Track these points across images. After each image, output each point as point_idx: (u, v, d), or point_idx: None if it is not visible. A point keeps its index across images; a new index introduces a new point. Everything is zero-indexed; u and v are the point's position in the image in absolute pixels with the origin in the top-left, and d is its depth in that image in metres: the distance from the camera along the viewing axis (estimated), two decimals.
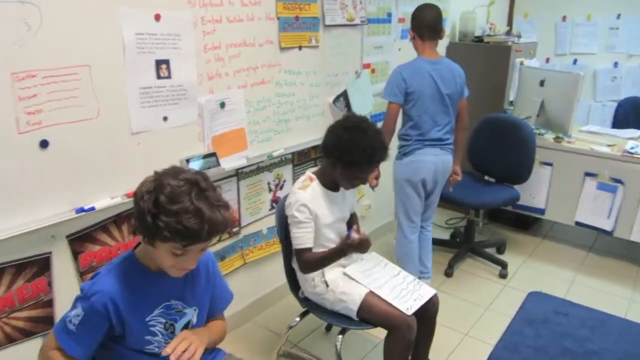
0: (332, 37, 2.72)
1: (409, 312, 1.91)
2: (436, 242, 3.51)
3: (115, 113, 1.83)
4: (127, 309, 1.31)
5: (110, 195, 1.88)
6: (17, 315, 1.73)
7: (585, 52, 4.38)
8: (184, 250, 1.26)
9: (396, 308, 1.92)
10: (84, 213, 1.79)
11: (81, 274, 1.89)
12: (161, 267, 1.33)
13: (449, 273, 3.27)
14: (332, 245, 2.07)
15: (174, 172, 1.27)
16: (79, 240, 1.87)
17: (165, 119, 1.99)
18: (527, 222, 3.91)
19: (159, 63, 1.92)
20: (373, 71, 3.13)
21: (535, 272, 3.35)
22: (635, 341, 2.65)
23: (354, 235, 1.91)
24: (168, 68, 1.95)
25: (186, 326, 1.45)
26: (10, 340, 1.73)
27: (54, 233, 1.77)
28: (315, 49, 2.62)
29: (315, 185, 2.01)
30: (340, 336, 2.02)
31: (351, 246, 1.92)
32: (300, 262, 2.00)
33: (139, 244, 1.38)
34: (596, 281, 3.26)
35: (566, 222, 3.49)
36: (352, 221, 2.22)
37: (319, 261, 1.99)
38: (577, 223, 3.42)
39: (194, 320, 1.47)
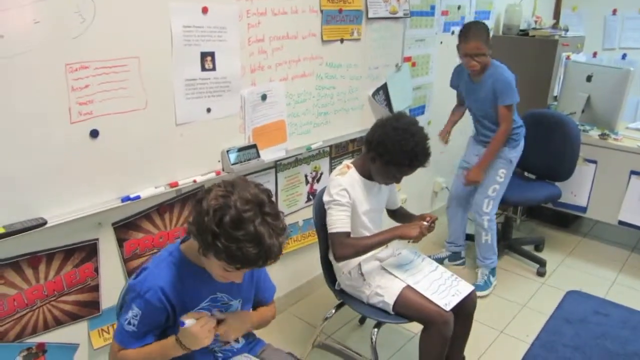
0: (374, 30, 2.69)
1: (447, 308, 1.90)
2: (473, 238, 3.46)
3: (162, 104, 1.86)
4: (177, 301, 1.35)
5: (154, 185, 1.92)
6: (65, 299, 1.80)
7: (636, 47, 4.21)
8: (235, 270, 1.27)
9: (433, 303, 1.91)
10: (129, 202, 1.83)
11: (125, 261, 1.95)
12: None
13: None
14: (368, 234, 2.07)
15: (241, 186, 1.25)
16: (124, 228, 1.92)
17: (208, 110, 2.02)
18: (566, 219, 3.82)
19: (204, 55, 1.94)
20: (414, 64, 3.09)
21: (575, 271, 3.28)
22: None
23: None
24: (213, 60, 1.97)
25: None
26: (58, 323, 1.80)
27: (100, 220, 1.83)
28: (356, 42, 2.60)
29: (353, 172, 2.01)
30: (376, 329, 2.03)
31: (408, 225, 1.96)
32: (340, 247, 1.92)
33: (185, 238, 1.41)
34: (638, 282, 3.16)
35: (609, 221, 3.39)
36: (405, 216, 2.27)
37: (362, 245, 1.95)
38: (621, 222, 3.31)
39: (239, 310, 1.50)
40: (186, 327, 1.29)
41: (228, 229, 1.18)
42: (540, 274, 3.22)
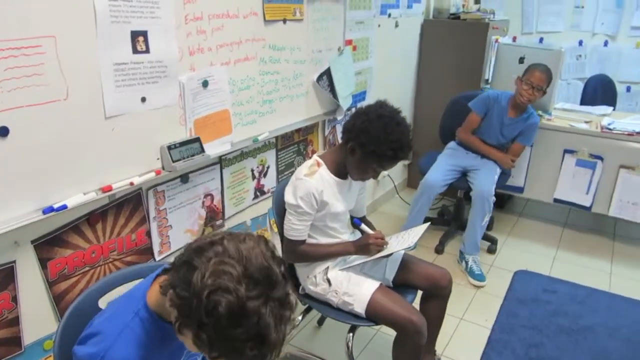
0: (316, 10, 2.49)
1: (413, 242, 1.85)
2: (426, 220, 3.42)
3: (87, 93, 1.54)
4: None
5: (83, 191, 1.60)
6: None
7: (552, 31, 4.37)
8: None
9: (405, 309, 1.76)
10: (53, 213, 1.51)
11: (50, 285, 1.61)
12: None
13: (439, 250, 3.26)
14: (337, 235, 1.90)
15: (249, 250, 0.91)
16: (47, 245, 1.58)
17: (143, 100, 1.72)
18: (502, 200, 3.88)
19: (135, 35, 1.64)
20: (354, 48, 2.93)
21: (517, 251, 3.33)
22: (622, 314, 2.68)
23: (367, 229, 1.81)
24: (146, 41, 1.68)
25: None
26: None
27: (17, 239, 1.49)
28: (299, 23, 2.39)
29: (323, 171, 1.81)
30: (351, 334, 1.86)
31: (361, 246, 1.83)
32: (292, 254, 1.85)
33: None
34: (576, 256, 3.28)
35: (545, 199, 3.47)
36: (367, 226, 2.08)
37: (314, 255, 1.87)
38: (556, 200, 3.41)
39: None
40: None
41: (222, 322, 0.86)
42: (491, 251, 3.28)
